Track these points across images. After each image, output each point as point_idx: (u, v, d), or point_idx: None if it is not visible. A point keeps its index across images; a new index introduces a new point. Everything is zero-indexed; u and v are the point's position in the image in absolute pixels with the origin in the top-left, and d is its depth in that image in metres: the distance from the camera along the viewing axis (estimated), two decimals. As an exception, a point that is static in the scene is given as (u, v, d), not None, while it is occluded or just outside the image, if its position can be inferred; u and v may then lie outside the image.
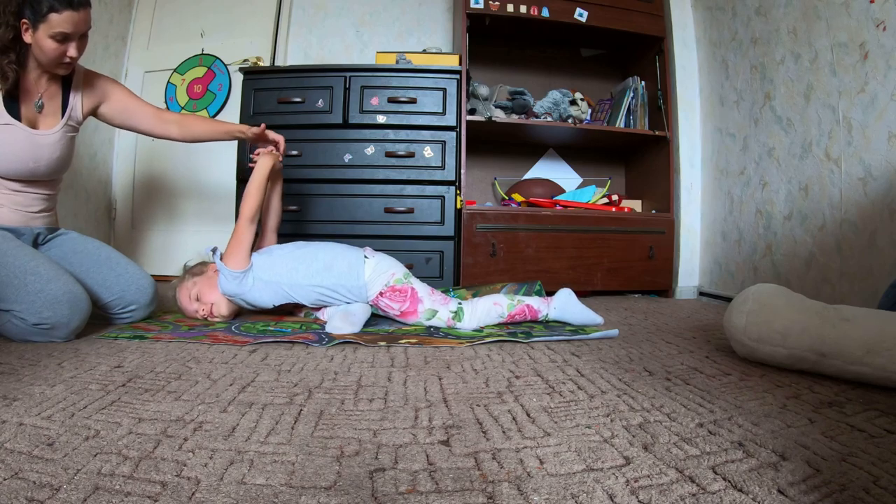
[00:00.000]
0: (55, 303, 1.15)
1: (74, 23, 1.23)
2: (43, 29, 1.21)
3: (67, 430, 0.65)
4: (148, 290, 1.42)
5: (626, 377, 0.97)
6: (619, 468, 0.58)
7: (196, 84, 2.78)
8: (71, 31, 1.23)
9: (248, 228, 1.43)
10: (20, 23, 1.21)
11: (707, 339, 1.37)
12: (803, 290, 1.82)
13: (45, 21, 1.20)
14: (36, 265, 1.19)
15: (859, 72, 1.64)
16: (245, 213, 1.44)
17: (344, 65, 2.31)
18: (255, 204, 1.47)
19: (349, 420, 0.73)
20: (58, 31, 1.21)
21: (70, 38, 1.25)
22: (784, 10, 1.96)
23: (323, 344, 1.19)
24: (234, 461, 0.58)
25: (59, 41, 1.23)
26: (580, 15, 2.36)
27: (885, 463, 0.60)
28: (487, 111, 2.33)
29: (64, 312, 1.16)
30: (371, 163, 2.18)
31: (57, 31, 1.21)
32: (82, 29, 1.26)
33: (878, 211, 1.59)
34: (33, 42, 1.23)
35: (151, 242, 2.79)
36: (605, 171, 2.83)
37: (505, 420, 0.73)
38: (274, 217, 1.63)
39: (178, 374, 0.93)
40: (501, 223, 2.25)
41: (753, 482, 0.54)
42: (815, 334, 0.96)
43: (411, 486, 0.54)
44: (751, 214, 2.17)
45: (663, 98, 2.47)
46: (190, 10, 2.83)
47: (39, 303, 1.14)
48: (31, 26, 1.22)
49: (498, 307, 1.42)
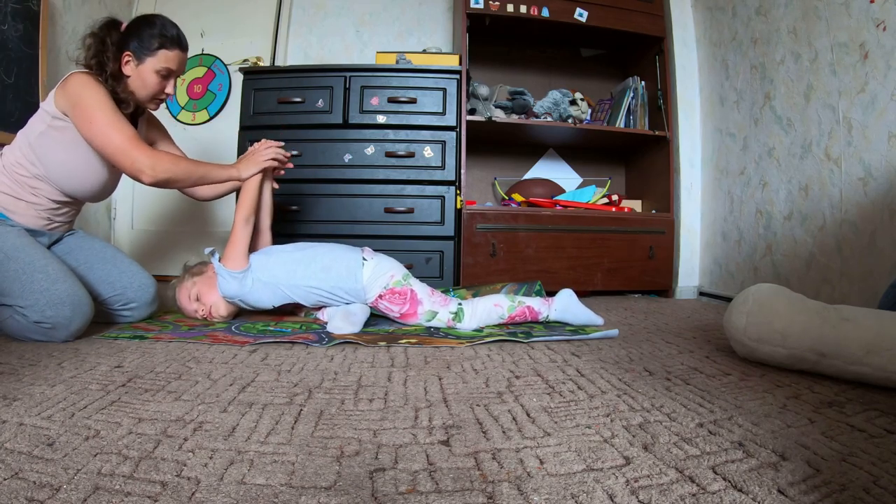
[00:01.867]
0: (58, 303, 1.16)
1: (180, 62, 1.36)
2: (150, 63, 1.31)
3: (67, 430, 0.65)
4: (149, 289, 1.44)
5: (626, 377, 0.97)
6: (619, 468, 0.58)
7: (196, 84, 2.79)
8: (175, 69, 1.35)
9: (244, 229, 1.43)
10: (122, 55, 1.30)
11: (707, 339, 1.37)
12: (803, 291, 1.82)
13: (153, 56, 1.31)
14: (45, 264, 1.20)
15: (859, 72, 1.64)
16: (240, 214, 1.45)
17: (344, 65, 2.31)
18: (250, 204, 1.47)
19: (349, 420, 0.73)
20: (164, 67, 1.32)
21: (171, 75, 1.35)
22: (784, 10, 1.96)
23: (323, 344, 1.19)
24: (234, 461, 0.58)
25: (163, 77, 1.34)
26: (580, 15, 2.36)
27: (885, 463, 0.60)
28: (487, 111, 2.33)
29: (66, 314, 1.17)
30: (371, 163, 2.17)
31: (163, 67, 1.32)
32: (182, 70, 1.39)
33: (878, 211, 1.59)
34: (134, 74, 1.31)
35: (151, 242, 2.79)
36: (605, 171, 2.83)
37: (505, 420, 0.73)
38: (267, 215, 1.62)
39: (178, 374, 0.93)
40: (501, 223, 2.25)
41: (753, 482, 0.54)
42: (815, 334, 0.96)
43: (411, 486, 0.54)
44: (751, 214, 2.17)
45: (663, 98, 2.47)
46: (190, 10, 2.82)
47: (44, 301, 1.15)
48: (135, 59, 1.30)
49: (498, 308, 1.42)
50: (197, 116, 2.77)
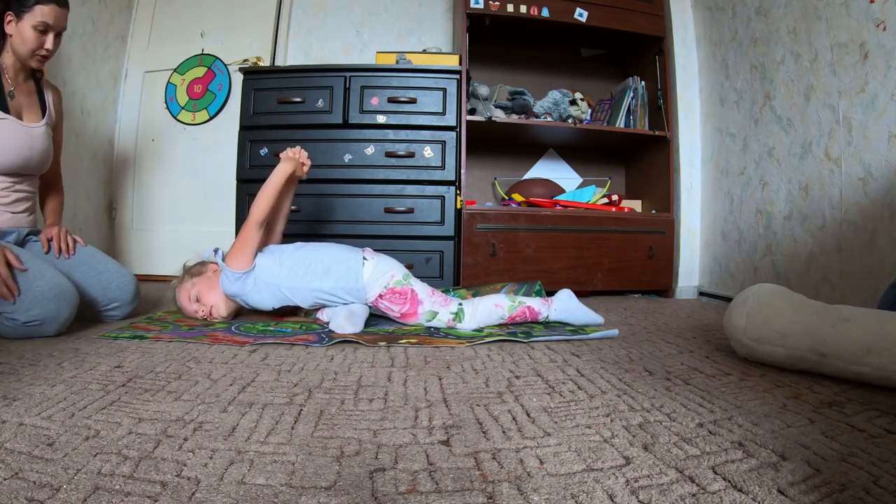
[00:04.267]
0: (43, 300, 1.17)
1: (56, 17, 1.35)
2: (27, 19, 1.32)
3: (67, 430, 0.65)
4: (129, 286, 1.46)
5: (626, 377, 0.97)
6: (619, 468, 0.58)
7: (196, 84, 2.79)
8: (52, 23, 1.35)
9: (256, 231, 1.40)
10: (4, 16, 1.32)
11: (707, 339, 1.37)
12: (803, 290, 1.82)
13: (30, 11, 1.32)
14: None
15: (859, 72, 1.64)
16: (254, 216, 1.41)
17: (344, 65, 2.31)
18: (266, 207, 1.43)
19: (349, 420, 0.73)
20: (40, 21, 1.33)
21: (49, 30, 1.35)
22: (784, 10, 1.96)
23: (323, 344, 1.19)
24: (234, 461, 0.58)
25: (41, 31, 1.34)
26: (580, 15, 2.36)
27: (885, 463, 0.60)
28: (487, 111, 2.33)
29: (51, 307, 1.18)
30: (371, 163, 2.17)
31: (39, 21, 1.33)
32: (61, 25, 1.38)
33: (878, 211, 1.59)
34: (15, 32, 1.34)
35: (151, 242, 2.79)
36: (605, 171, 2.83)
37: (505, 420, 0.73)
38: (282, 222, 1.62)
39: (178, 374, 0.93)
40: (501, 223, 2.25)
41: (753, 482, 0.54)
42: (815, 334, 0.96)
43: (411, 486, 0.54)
44: (751, 214, 2.17)
45: (663, 98, 2.47)
46: (190, 10, 2.83)
47: (27, 302, 1.16)
48: (16, 17, 1.32)
49: (499, 308, 1.42)
50: (197, 116, 2.77)
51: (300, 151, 1.58)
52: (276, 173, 1.48)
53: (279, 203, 1.56)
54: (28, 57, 1.37)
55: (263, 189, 1.46)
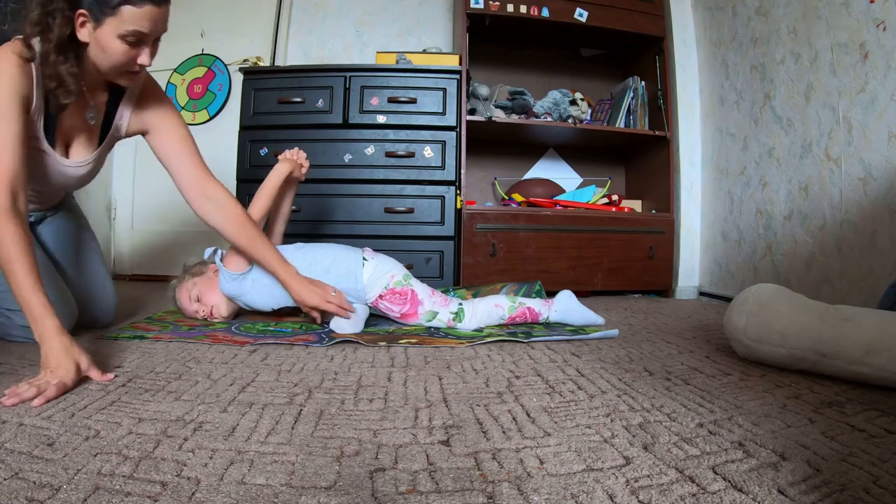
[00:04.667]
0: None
1: (154, 21, 0.97)
2: (111, 25, 0.94)
3: (67, 430, 0.65)
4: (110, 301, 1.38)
5: (626, 377, 0.97)
6: (619, 468, 0.58)
7: (196, 84, 2.79)
8: (148, 32, 0.97)
9: None
10: (76, 14, 0.94)
11: (707, 339, 1.37)
12: (803, 291, 1.82)
13: (114, 15, 0.93)
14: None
15: (859, 72, 1.64)
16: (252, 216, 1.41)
17: (344, 65, 2.31)
18: (263, 208, 1.45)
19: (349, 420, 0.73)
20: (132, 30, 0.95)
21: (145, 40, 0.99)
22: (784, 10, 1.96)
23: (323, 344, 1.19)
24: (234, 461, 0.58)
25: (131, 43, 0.97)
26: (580, 15, 2.36)
27: (885, 463, 0.60)
28: (487, 111, 2.33)
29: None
30: (371, 163, 2.17)
31: (131, 30, 0.95)
32: (161, 30, 1.01)
33: (878, 211, 1.59)
34: (93, 41, 0.97)
35: (151, 242, 2.79)
36: (605, 171, 2.83)
37: (505, 420, 0.73)
38: (282, 223, 1.62)
39: (178, 374, 0.93)
40: (501, 223, 2.25)
41: (753, 482, 0.54)
42: (815, 334, 0.96)
43: (411, 486, 0.54)
44: (751, 214, 2.17)
45: (663, 98, 2.47)
46: (190, 10, 2.82)
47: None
48: (92, 20, 0.95)
49: (499, 309, 1.42)
50: (197, 116, 2.77)
51: (298, 153, 1.58)
52: (273, 174, 1.50)
53: (278, 205, 1.57)
54: (115, 75, 1.04)
55: (260, 190, 1.47)
